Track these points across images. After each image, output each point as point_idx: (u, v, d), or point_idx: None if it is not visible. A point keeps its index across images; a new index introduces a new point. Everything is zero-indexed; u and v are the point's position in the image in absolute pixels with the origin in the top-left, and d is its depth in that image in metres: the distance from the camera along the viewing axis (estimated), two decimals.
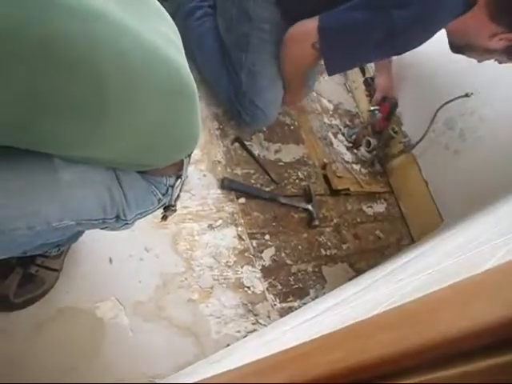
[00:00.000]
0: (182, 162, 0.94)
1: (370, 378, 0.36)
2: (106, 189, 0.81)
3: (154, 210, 0.98)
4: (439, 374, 0.34)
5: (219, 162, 1.75)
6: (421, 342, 0.35)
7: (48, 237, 0.87)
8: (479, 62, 1.81)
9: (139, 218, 0.95)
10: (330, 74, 1.74)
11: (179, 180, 0.97)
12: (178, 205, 1.51)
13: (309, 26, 1.63)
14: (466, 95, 2.06)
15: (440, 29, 1.63)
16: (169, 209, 1.03)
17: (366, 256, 2.04)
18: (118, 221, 0.88)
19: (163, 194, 0.95)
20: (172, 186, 0.97)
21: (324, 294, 1.76)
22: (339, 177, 2.13)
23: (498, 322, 0.32)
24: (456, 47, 1.79)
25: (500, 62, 1.76)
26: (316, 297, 1.74)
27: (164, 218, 1.06)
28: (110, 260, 1.33)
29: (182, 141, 0.88)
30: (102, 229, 0.92)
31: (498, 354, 0.32)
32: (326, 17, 1.61)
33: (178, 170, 0.95)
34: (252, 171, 1.84)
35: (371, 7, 1.53)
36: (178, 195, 1.01)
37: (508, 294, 0.34)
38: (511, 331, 0.31)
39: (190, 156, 0.96)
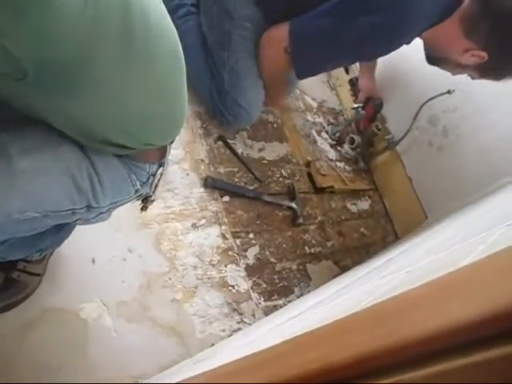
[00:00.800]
0: (165, 149, 0.95)
1: (347, 377, 0.36)
2: (70, 177, 0.78)
3: (130, 200, 0.96)
4: (415, 373, 0.34)
5: (202, 160, 1.74)
6: (396, 340, 0.35)
7: (13, 231, 0.82)
8: (453, 75, 1.83)
9: (113, 208, 0.93)
10: (299, 78, 1.74)
11: (161, 168, 0.97)
12: (162, 204, 1.53)
13: (282, 30, 1.64)
14: (448, 92, 2.07)
15: (413, 36, 1.64)
16: (147, 200, 1.02)
17: (350, 253, 2.04)
18: (90, 210, 0.85)
19: (142, 183, 0.94)
20: (153, 175, 0.96)
21: (309, 291, 1.76)
22: (323, 174, 2.14)
23: (472, 320, 0.32)
24: (431, 59, 1.81)
25: (473, 78, 1.78)
26: (301, 295, 1.74)
27: (144, 208, 1.05)
28: (93, 261, 1.32)
29: (177, 112, 0.87)
30: (74, 222, 0.90)
31: (473, 352, 0.32)
32: (297, 21, 1.62)
33: (161, 157, 0.95)
34: (235, 169, 1.84)
35: (342, 13, 1.53)
36: (157, 185, 1.00)
37: (482, 291, 0.34)
38: (486, 329, 0.31)
39: (172, 143, 0.96)
